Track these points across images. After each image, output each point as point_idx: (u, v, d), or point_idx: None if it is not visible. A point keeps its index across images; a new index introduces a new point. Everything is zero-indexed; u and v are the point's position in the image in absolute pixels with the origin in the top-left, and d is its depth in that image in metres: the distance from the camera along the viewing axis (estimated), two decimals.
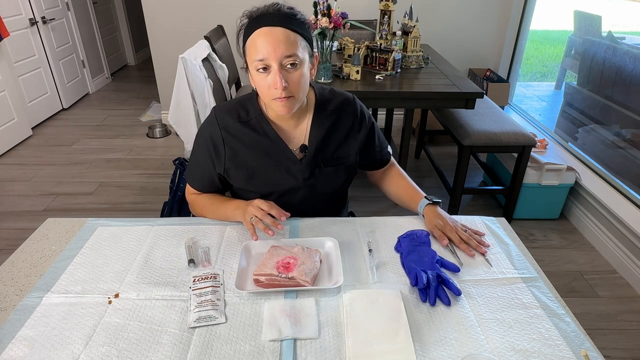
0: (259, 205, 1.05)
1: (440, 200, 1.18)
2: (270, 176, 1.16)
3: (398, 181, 1.31)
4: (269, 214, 1.04)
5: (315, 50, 1.08)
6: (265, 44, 0.96)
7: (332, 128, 1.17)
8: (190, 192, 1.27)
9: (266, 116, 1.14)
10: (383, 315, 0.87)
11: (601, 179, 2.45)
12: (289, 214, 1.07)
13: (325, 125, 1.16)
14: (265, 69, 0.99)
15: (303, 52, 1.01)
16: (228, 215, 1.16)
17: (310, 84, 1.16)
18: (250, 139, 1.13)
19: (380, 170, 1.35)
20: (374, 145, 1.27)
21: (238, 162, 1.15)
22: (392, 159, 1.37)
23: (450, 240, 1.09)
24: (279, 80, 0.97)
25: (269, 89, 1.01)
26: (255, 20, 0.99)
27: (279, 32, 0.97)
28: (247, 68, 1.06)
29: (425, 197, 1.19)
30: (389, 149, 1.35)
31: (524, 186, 2.45)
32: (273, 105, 1.04)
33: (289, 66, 0.99)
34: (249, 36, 0.99)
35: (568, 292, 2.04)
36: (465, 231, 1.11)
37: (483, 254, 1.06)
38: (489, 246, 1.09)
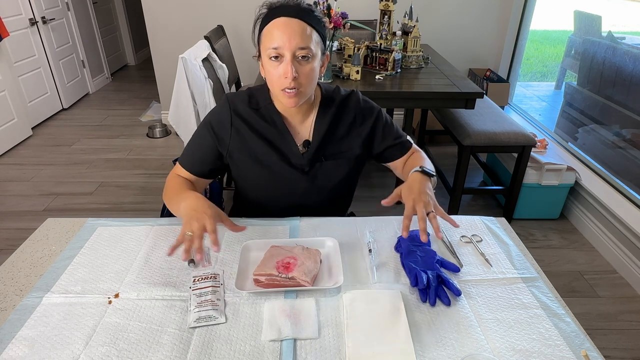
0: (205, 224, 0.92)
1: (434, 174, 1.08)
2: (272, 166, 1.17)
3: (412, 159, 1.22)
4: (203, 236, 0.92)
5: (327, 49, 1.10)
6: (281, 33, 0.99)
7: (333, 123, 1.18)
8: (173, 173, 1.19)
9: (275, 107, 1.16)
10: (383, 315, 0.87)
11: (601, 179, 2.45)
12: (218, 249, 0.91)
13: (327, 121, 1.17)
14: (278, 57, 1.01)
15: (316, 47, 1.03)
16: (178, 203, 1.03)
17: (317, 83, 1.18)
18: (258, 125, 1.15)
19: (400, 161, 1.25)
20: (381, 134, 1.22)
21: (243, 145, 1.16)
22: (415, 146, 1.28)
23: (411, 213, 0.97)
24: (290, 70, 0.99)
25: (279, 79, 1.02)
26: (274, 10, 1.01)
27: (295, 23, 0.99)
28: (259, 57, 1.08)
29: (421, 167, 1.08)
30: (408, 137, 1.28)
31: (524, 186, 2.45)
32: (280, 97, 1.06)
33: (301, 58, 1.01)
34: (266, 25, 1.01)
35: (568, 292, 2.04)
36: (429, 214, 0.95)
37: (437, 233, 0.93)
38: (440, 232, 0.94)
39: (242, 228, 1.03)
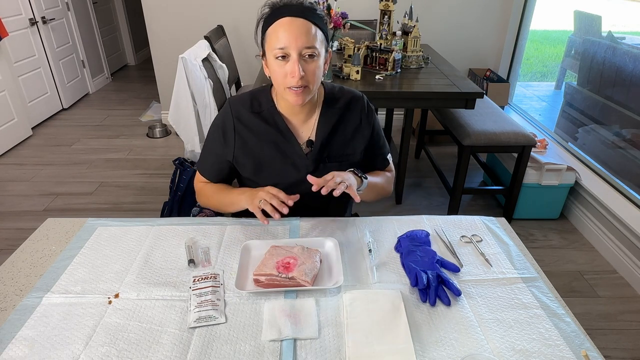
0: (268, 190, 1.08)
1: (364, 177, 1.15)
2: (276, 168, 1.18)
3: (375, 173, 1.30)
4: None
5: (330, 47, 1.12)
6: (287, 33, 1.00)
7: (338, 124, 1.19)
8: (198, 180, 1.29)
9: (277, 109, 1.16)
10: (383, 315, 0.87)
11: (601, 179, 2.45)
12: (297, 197, 1.07)
13: (332, 122, 1.18)
14: (284, 57, 1.02)
15: (320, 46, 1.05)
16: (233, 200, 1.16)
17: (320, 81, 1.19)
18: (260, 129, 1.16)
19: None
20: (373, 146, 1.27)
21: (247, 150, 1.17)
22: (391, 165, 1.35)
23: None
24: (297, 69, 1.01)
25: (285, 77, 1.03)
26: (278, 10, 1.02)
27: (300, 22, 1.00)
28: (262, 56, 1.09)
29: (360, 173, 1.16)
30: (389, 157, 1.33)
31: (524, 186, 2.45)
32: (286, 95, 1.07)
33: (307, 57, 1.02)
34: (271, 24, 1.03)
35: (568, 292, 2.04)
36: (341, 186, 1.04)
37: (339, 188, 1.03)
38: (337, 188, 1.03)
39: (295, 197, 1.06)
